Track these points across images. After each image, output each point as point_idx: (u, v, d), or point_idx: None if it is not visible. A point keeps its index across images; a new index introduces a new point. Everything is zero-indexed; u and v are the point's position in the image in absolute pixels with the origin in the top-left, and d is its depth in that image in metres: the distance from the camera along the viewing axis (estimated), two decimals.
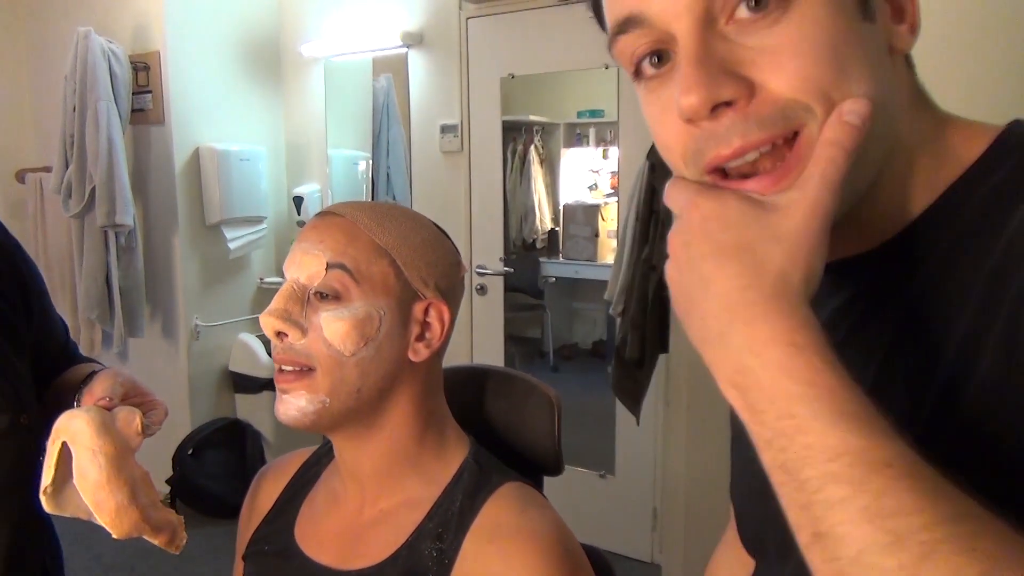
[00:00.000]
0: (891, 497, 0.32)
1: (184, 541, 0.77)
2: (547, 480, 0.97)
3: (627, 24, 0.45)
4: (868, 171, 0.44)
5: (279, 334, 0.76)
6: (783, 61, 0.41)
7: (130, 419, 0.76)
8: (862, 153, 0.41)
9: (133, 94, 2.93)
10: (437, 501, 0.79)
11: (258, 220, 3.21)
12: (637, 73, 0.47)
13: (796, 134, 0.42)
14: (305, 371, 0.76)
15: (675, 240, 0.44)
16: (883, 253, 0.48)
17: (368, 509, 0.83)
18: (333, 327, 0.75)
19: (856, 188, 0.43)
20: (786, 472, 0.36)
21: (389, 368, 0.78)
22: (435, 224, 0.85)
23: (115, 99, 2.80)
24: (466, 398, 0.96)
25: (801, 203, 0.40)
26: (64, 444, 0.73)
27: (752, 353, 0.38)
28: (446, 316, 0.80)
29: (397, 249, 0.78)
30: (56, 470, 0.73)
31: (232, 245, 3.09)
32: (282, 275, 0.80)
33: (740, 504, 0.64)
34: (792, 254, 0.39)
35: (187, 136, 2.98)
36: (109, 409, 0.77)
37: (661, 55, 0.45)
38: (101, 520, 0.71)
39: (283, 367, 0.77)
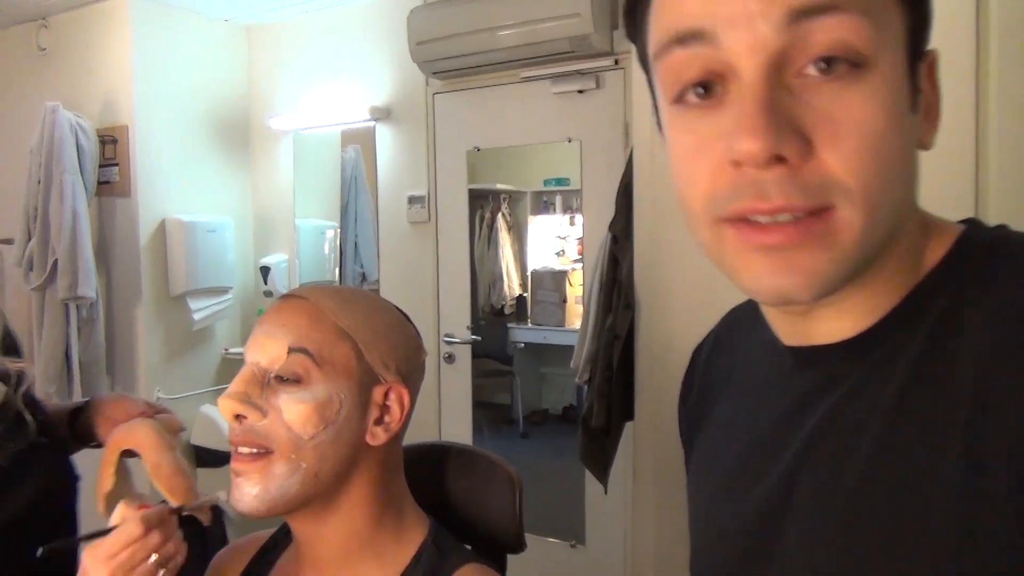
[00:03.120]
0: None
1: (210, 519, 0.90)
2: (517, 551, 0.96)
3: (689, 38, 0.42)
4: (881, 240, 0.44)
5: (238, 417, 0.76)
6: (842, 136, 0.40)
7: (170, 421, 0.94)
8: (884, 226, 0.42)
9: (100, 167, 2.94)
10: None
11: (223, 291, 3.19)
12: (678, 99, 0.44)
13: (828, 209, 0.41)
14: (262, 453, 0.76)
15: None
16: (855, 345, 0.48)
17: None
18: (293, 410, 0.75)
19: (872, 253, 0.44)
20: None
21: (347, 452, 0.78)
22: (397, 308, 0.87)
23: (81, 172, 2.80)
24: (427, 476, 0.96)
25: None
26: (121, 454, 0.87)
27: None
28: (406, 400, 0.81)
29: (360, 332, 0.79)
30: (116, 477, 0.88)
31: (196, 316, 3.06)
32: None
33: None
34: None
35: (153, 208, 2.99)
36: (149, 416, 0.93)
37: (708, 86, 0.43)
38: (176, 500, 0.84)
39: (240, 449, 0.76)
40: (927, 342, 0.45)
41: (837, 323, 0.49)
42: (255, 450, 0.76)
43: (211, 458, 3.05)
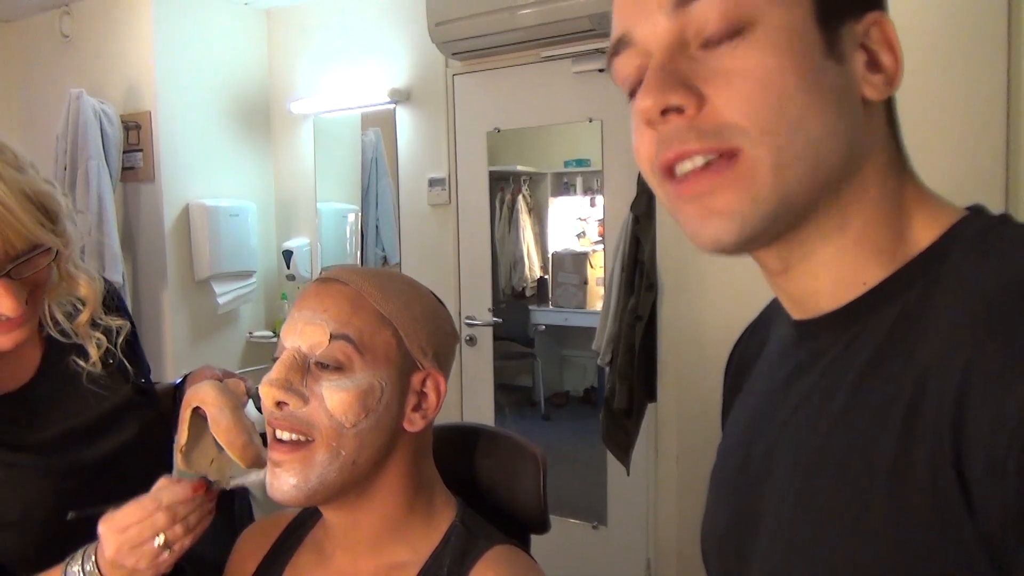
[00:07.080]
0: None
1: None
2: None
3: (618, 45, 0.49)
4: (808, 183, 0.46)
5: (279, 404, 0.75)
6: (732, 82, 0.44)
7: (236, 384, 1.01)
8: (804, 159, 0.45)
9: (124, 152, 2.97)
10: (424, 566, 0.79)
11: (247, 274, 3.22)
12: (631, 95, 0.51)
13: (736, 152, 0.45)
14: (302, 442, 0.75)
15: None
16: (840, 317, 0.50)
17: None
18: (335, 398, 0.74)
19: (792, 194, 0.45)
20: None
21: (385, 439, 0.77)
22: (431, 292, 0.86)
23: (106, 158, 2.83)
24: (453, 457, 0.96)
25: None
26: (193, 411, 0.92)
27: None
28: (442, 387, 0.80)
29: (400, 319, 0.78)
30: (188, 432, 0.92)
31: (221, 300, 3.09)
32: (271, 330, 0.81)
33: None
34: None
35: (177, 193, 3.01)
36: (220, 380, 0.99)
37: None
38: (232, 454, 0.89)
39: (280, 434, 0.75)
40: (899, 321, 0.46)
41: (813, 284, 0.50)
42: (295, 436, 0.75)
43: None
